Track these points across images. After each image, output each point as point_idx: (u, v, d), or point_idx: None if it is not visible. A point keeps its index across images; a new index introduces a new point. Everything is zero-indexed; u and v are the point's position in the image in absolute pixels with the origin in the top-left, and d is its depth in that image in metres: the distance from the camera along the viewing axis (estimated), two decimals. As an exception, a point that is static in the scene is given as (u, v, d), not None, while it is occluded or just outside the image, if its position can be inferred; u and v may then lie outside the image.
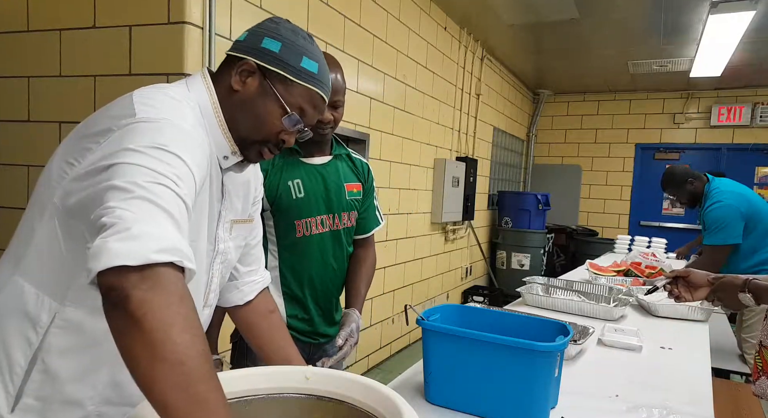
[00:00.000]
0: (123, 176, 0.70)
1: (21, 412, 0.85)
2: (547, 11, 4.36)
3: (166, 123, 0.80)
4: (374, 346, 3.99)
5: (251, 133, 0.96)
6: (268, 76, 0.94)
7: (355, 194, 1.60)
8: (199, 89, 0.95)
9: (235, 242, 1.09)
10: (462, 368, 1.23)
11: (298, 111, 0.96)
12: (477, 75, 5.51)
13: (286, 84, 0.94)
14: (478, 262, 6.21)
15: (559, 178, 7.60)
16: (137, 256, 0.61)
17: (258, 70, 0.94)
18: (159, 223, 0.66)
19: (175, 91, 0.91)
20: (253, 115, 0.95)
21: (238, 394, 0.87)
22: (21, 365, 0.85)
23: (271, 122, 0.95)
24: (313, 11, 2.90)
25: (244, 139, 0.96)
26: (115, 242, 0.62)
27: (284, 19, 0.99)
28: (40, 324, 0.85)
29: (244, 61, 0.93)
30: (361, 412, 0.85)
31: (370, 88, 3.59)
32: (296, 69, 0.94)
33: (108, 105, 0.90)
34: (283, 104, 0.94)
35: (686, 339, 1.99)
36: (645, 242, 4.76)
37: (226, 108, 0.95)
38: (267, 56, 0.93)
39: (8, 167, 2.46)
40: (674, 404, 1.33)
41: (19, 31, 2.40)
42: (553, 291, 2.51)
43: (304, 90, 0.96)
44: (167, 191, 0.70)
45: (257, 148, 0.98)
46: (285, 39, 0.94)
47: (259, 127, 0.95)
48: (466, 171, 5.17)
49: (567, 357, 1.59)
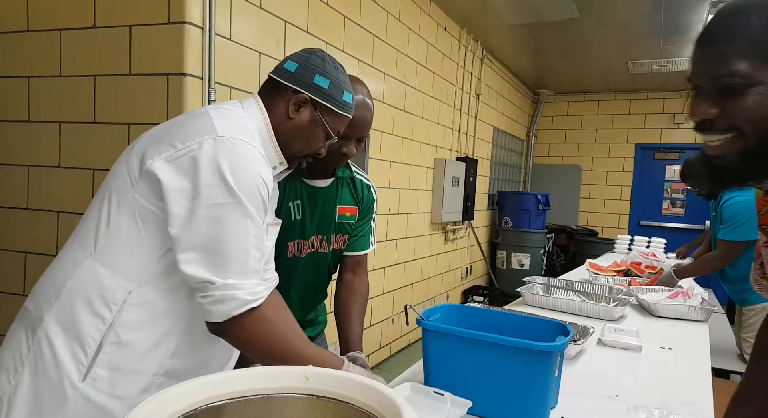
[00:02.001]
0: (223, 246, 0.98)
1: (91, 380, 0.98)
2: (547, 11, 4.36)
3: (243, 144, 1.01)
4: (374, 346, 3.99)
5: (300, 150, 1.18)
6: (318, 107, 1.15)
7: (348, 218, 1.55)
8: (253, 112, 1.13)
9: (270, 243, 1.23)
10: (462, 368, 1.23)
11: (336, 133, 1.20)
12: (477, 75, 5.51)
13: (332, 115, 1.16)
14: (478, 262, 6.21)
15: (559, 178, 7.60)
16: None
17: (311, 102, 1.14)
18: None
19: (237, 112, 1.11)
20: (304, 137, 1.16)
21: (238, 394, 0.87)
22: (94, 338, 0.98)
23: (316, 143, 1.18)
24: (313, 11, 2.90)
25: (293, 154, 1.18)
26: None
27: (328, 55, 1.18)
28: (114, 302, 0.99)
29: (300, 94, 1.13)
30: (361, 412, 0.85)
31: (370, 88, 3.56)
32: (340, 102, 1.16)
33: (184, 115, 1.10)
34: (329, 131, 1.17)
35: (686, 339, 1.99)
36: (645, 241, 4.77)
37: (280, 129, 1.14)
38: (319, 92, 1.14)
39: (8, 167, 2.46)
40: (674, 404, 1.33)
41: (19, 31, 2.40)
42: (553, 291, 2.51)
43: (344, 118, 1.20)
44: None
45: (300, 159, 1.21)
46: (332, 76, 1.15)
47: (307, 146, 1.18)
48: (466, 171, 5.17)
49: (567, 357, 1.59)
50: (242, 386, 0.87)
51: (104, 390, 0.98)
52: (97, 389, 0.98)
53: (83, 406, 0.97)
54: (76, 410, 0.97)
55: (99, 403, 0.98)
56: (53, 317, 1.00)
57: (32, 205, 2.42)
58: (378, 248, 3.77)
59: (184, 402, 0.81)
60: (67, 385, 0.97)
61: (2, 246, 2.48)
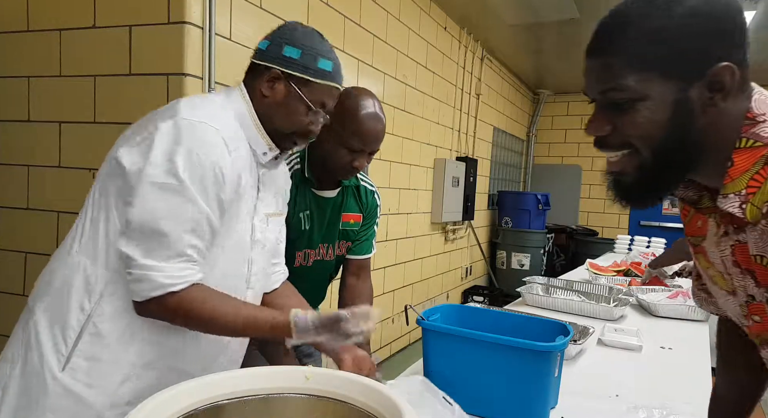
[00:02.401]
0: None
1: (70, 371, 0.99)
2: (547, 11, 4.36)
3: (204, 127, 0.99)
4: (374, 346, 3.99)
5: (283, 127, 1.12)
6: (292, 80, 1.08)
7: (352, 225, 1.56)
8: (236, 99, 1.10)
9: (273, 234, 1.22)
10: (462, 368, 1.23)
11: (320, 105, 1.12)
12: (477, 75, 5.51)
13: (309, 85, 1.09)
14: (478, 262, 6.21)
15: (559, 178, 7.60)
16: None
17: (283, 76, 1.08)
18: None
19: (213, 99, 1.10)
20: (283, 114, 1.10)
21: (238, 394, 0.87)
22: (75, 329, 1.00)
23: (299, 118, 1.11)
24: (313, 11, 2.90)
25: (278, 132, 1.12)
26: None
27: (298, 23, 1.13)
28: (95, 292, 1.00)
29: (271, 70, 1.08)
30: (361, 412, 0.85)
31: (370, 88, 3.57)
32: (314, 70, 1.08)
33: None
34: (308, 103, 1.09)
35: (686, 339, 1.99)
36: (645, 241, 4.77)
37: (260, 110, 1.10)
38: (290, 63, 1.08)
39: (8, 167, 2.46)
40: (674, 404, 1.33)
41: (19, 31, 2.40)
42: (553, 291, 2.51)
43: (323, 87, 1.11)
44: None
45: (291, 139, 1.14)
46: (302, 45, 1.08)
47: (289, 122, 1.11)
48: (466, 171, 5.17)
49: (567, 357, 1.59)
50: (242, 386, 0.88)
51: (82, 380, 0.99)
52: (76, 379, 0.99)
53: (63, 396, 0.98)
54: (56, 400, 0.98)
55: (77, 393, 0.99)
56: (42, 310, 1.03)
57: (32, 206, 2.42)
58: (378, 247, 3.77)
59: (184, 402, 0.81)
60: (48, 375, 0.99)
61: (2, 246, 2.48)
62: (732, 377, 0.98)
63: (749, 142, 0.67)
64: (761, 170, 0.66)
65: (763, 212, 0.66)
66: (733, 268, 0.76)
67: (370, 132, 1.33)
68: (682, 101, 0.67)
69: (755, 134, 0.67)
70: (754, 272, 0.72)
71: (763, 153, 0.66)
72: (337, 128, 1.31)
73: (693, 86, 0.67)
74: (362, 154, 1.36)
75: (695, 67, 0.67)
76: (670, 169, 0.71)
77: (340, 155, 1.35)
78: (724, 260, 0.77)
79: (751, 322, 0.79)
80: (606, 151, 0.75)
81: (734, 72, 0.66)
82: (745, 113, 0.68)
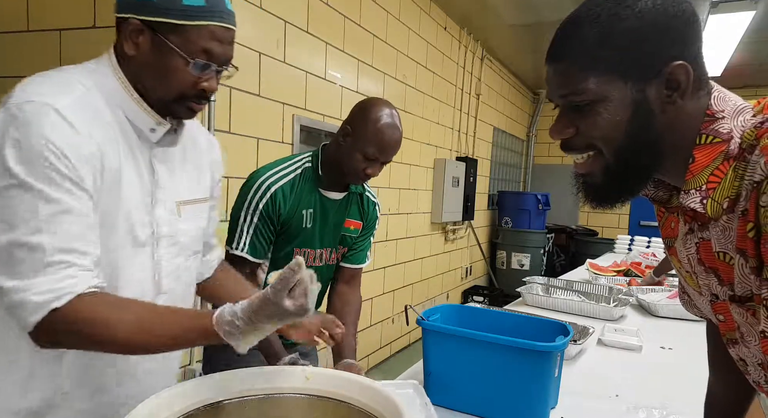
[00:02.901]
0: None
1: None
2: (547, 11, 4.37)
3: (35, 107, 0.78)
4: (374, 346, 3.99)
5: (166, 94, 0.89)
6: (156, 29, 0.84)
7: (351, 232, 1.57)
8: (104, 69, 0.90)
9: (187, 224, 1.01)
10: (462, 368, 1.23)
11: (202, 54, 0.86)
12: (477, 75, 5.51)
13: (177, 31, 0.84)
14: (478, 262, 6.21)
15: (559, 178, 7.59)
16: None
17: (145, 27, 0.85)
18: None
19: (69, 70, 0.88)
20: (159, 74, 0.87)
21: (238, 394, 0.87)
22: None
23: (180, 76, 0.87)
24: (313, 11, 2.90)
25: (162, 101, 0.90)
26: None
27: None
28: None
29: (127, 21, 0.85)
30: (361, 412, 0.85)
31: (370, 88, 3.59)
32: (179, 10, 0.83)
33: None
34: (182, 54, 0.85)
35: (686, 339, 1.99)
36: (645, 242, 4.77)
37: (131, 76, 0.89)
38: (146, 8, 0.84)
39: (8, 167, 2.46)
40: (674, 404, 1.33)
41: (19, 31, 2.39)
42: (553, 291, 2.51)
43: (199, 29, 0.85)
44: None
45: (183, 105, 0.91)
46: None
47: (169, 84, 0.88)
48: (466, 171, 5.17)
49: (567, 357, 1.59)
50: (242, 386, 0.88)
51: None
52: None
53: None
54: None
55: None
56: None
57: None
58: (378, 248, 3.77)
59: (184, 402, 0.81)
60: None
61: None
62: (721, 377, 0.99)
63: (709, 139, 0.68)
64: (721, 166, 0.67)
65: (723, 207, 0.66)
66: (698, 266, 0.76)
67: (388, 142, 1.37)
68: (640, 101, 0.68)
69: (714, 130, 0.68)
70: (718, 269, 0.72)
71: (723, 149, 0.67)
72: (356, 134, 1.36)
73: (650, 86, 0.68)
74: (376, 163, 1.39)
75: (650, 66, 0.67)
76: (634, 168, 0.72)
77: (355, 160, 1.37)
78: (690, 258, 0.78)
79: (716, 321, 0.79)
80: (571, 154, 0.76)
81: (688, 70, 0.67)
82: (705, 110, 0.69)
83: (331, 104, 3.18)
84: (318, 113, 3.06)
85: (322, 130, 3.17)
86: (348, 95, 3.33)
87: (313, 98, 2.99)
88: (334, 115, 3.21)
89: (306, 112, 2.95)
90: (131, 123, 0.90)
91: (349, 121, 1.40)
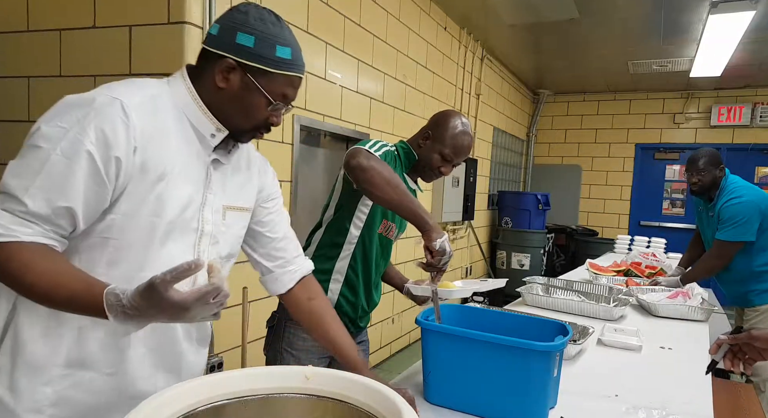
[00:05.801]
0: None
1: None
2: (547, 11, 4.36)
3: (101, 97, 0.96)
4: (374, 346, 3.99)
5: (243, 124, 1.04)
6: (248, 70, 0.98)
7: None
8: (176, 83, 1.03)
9: (231, 229, 1.11)
10: (461, 368, 1.23)
11: (281, 98, 1.02)
12: (477, 75, 5.51)
13: (267, 76, 0.99)
14: (478, 262, 6.21)
15: (559, 178, 7.60)
16: None
17: (238, 66, 0.98)
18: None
19: (152, 82, 1.01)
20: (242, 108, 1.02)
21: (238, 394, 0.87)
22: (1, 326, 0.95)
23: (259, 113, 1.03)
24: (313, 11, 2.91)
25: (237, 128, 1.05)
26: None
27: (251, 5, 1.01)
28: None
29: (223, 59, 0.98)
30: (361, 412, 0.85)
31: (370, 88, 3.60)
32: (272, 60, 0.98)
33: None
34: (267, 96, 1.00)
35: (686, 339, 1.99)
36: (645, 241, 4.77)
37: (213, 102, 1.02)
38: (244, 52, 0.97)
39: (8, 167, 2.46)
40: (674, 404, 1.33)
41: (19, 31, 2.40)
42: (553, 291, 2.51)
43: (283, 78, 1.01)
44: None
45: (252, 134, 1.07)
46: (256, 31, 0.98)
47: (249, 117, 1.03)
48: (466, 171, 5.17)
49: (567, 357, 1.59)
50: (242, 386, 0.88)
51: (4, 383, 0.94)
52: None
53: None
54: None
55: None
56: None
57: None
58: (378, 248, 3.77)
59: (184, 402, 0.81)
60: None
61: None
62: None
63: None
64: None
65: None
66: None
67: (463, 147, 1.60)
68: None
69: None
70: None
71: None
72: (435, 138, 1.59)
73: None
74: (449, 163, 1.61)
75: None
76: None
77: (434, 159, 1.60)
78: None
79: None
80: None
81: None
82: None
83: (331, 104, 3.18)
84: (318, 113, 3.06)
85: (322, 130, 3.17)
86: (348, 95, 3.33)
87: (313, 98, 2.99)
88: (334, 115, 3.21)
89: (306, 112, 2.95)
90: (194, 128, 1.02)
91: (430, 127, 1.62)
